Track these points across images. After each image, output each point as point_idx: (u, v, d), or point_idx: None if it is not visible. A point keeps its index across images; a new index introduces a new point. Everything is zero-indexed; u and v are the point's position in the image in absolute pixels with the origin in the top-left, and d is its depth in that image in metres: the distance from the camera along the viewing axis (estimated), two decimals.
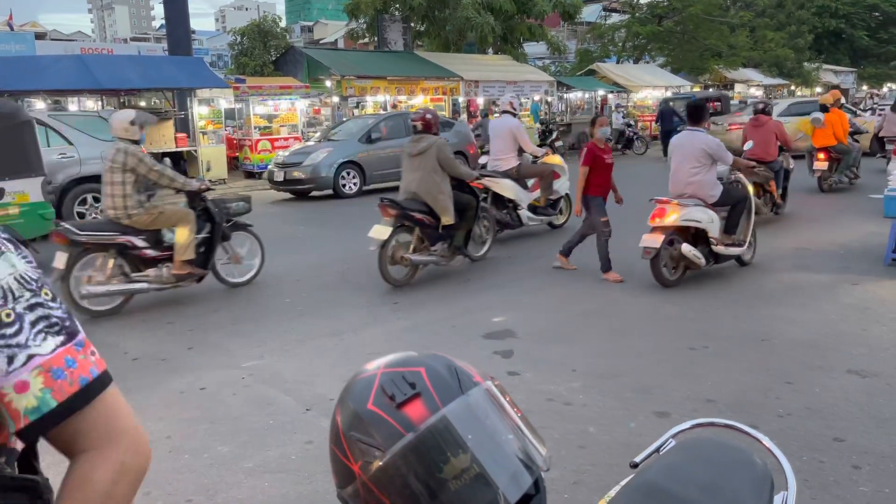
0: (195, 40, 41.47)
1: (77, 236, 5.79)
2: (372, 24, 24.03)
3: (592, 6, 41.38)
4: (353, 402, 1.01)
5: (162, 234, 6.26)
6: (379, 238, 6.46)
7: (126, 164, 5.90)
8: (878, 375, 4.32)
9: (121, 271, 6.10)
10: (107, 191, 6.03)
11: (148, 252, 6.14)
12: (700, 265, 6.45)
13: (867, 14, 40.47)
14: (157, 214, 6.14)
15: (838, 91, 14.93)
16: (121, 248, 6.03)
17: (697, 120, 6.68)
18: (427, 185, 6.65)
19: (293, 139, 17.09)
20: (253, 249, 7.10)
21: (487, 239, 7.84)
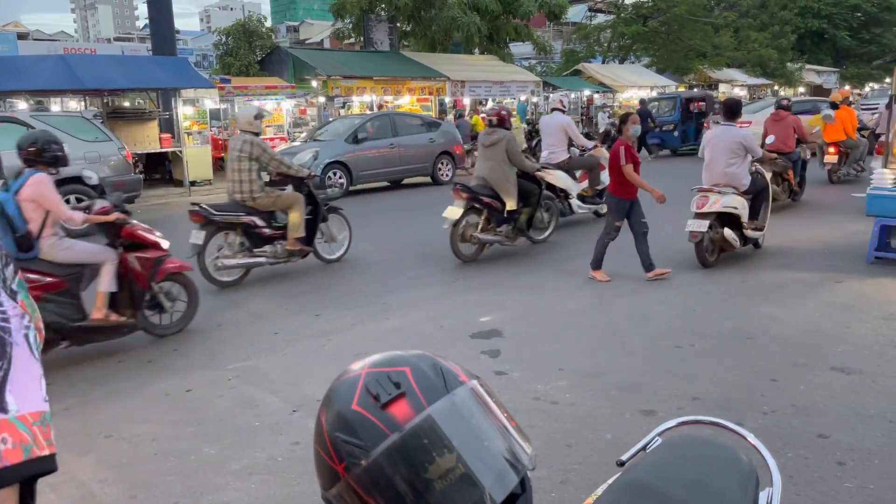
0: (180, 40, 41.23)
1: (213, 216, 6.65)
2: (358, 24, 23.97)
3: (578, 6, 41.51)
4: (338, 403, 1.00)
5: (276, 216, 7.07)
6: (452, 218, 7.31)
7: (251, 153, 6.75)
8: (862, 372, 4.36)
9: (243, 248, 6.91)
10: (234, 177, 6.83)
11: (265, 231, 6.94)
12: (735, 247, 7.13)
13: (849, 14, 40.85)
14: (276, 198, 6.98)
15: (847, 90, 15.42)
16: (245, 227, 6.83)
17: (733, 116, 7.29)
18: (495, 174, 7.46)
19: (279, 139, 17.02)
20: (343, 230, 7.92)
21: (550, 225, 8.56)
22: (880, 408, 3.85)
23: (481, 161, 7.70)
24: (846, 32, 40.70)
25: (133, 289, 5.16)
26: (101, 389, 4.50)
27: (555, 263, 7.58)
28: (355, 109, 19.59)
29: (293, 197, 7.07)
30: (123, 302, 5.17)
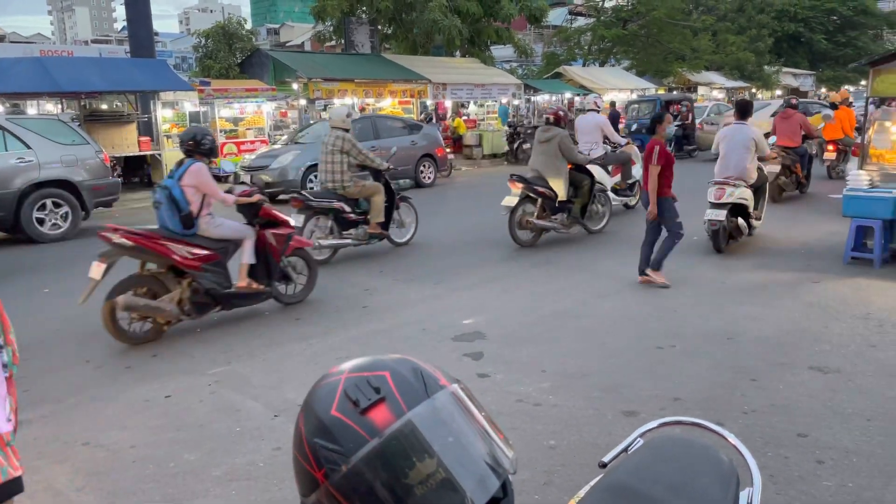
0: (158, 42, 40.86)
1: (310, 202, 7.59)
2: (338, 27, 23.89)
3: (558, 10, 41.75)
4: (317, 408, 0.99)
5: (359, 202, 7.94)
6: (509, 206, 8.11)
7: (343, 147, 7.74)
8: (840, 372, 4.41)
9: (332, 231, 7.78)
10: (327, 168, 7.81)
11: (351, 216, 7.81)
12: (744, 234, 8.10)
13: (825, 18, 41.42)
14: (362, 187, 7.91)
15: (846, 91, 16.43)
16: (335, 212, 7.71)
17: (745, 115, 7.98)
18: (548, 166, 8.24)
19: (260, 142, 16.91)
20: (411, 216, 8.84)
21: (605, 217, 9.19)
22: (858, 406, 3.89)
23: (536, 155, 8.45)
24: (822, 36, 41.28)
25: (269, 261, 5.97)
26: (78, 396, 4.44)
27: (536, 266, 7.60)
28: None
29: (375, 187, 8.02)
30: (260, 273, 5.93)
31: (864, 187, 7.16)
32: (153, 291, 5.39)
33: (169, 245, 5.34)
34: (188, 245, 5.42)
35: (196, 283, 5.48)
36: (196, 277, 5.47)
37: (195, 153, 5.59)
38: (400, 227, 8.71)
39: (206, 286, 5.51)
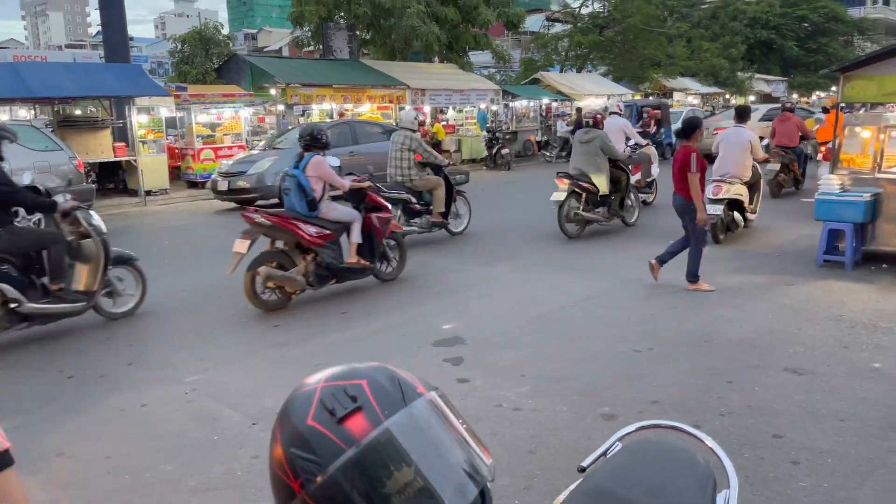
0: (134, 47, 40.41)
1: (384, 193, 7.93)
2: (317, 33, 23.80)
3: (535, 16, 42.02)
4: (293, 418, 0.98)
5: (423, 195, 8.94)
6: (558, 200, 8.93)
7: (410, 146, 8.82)
8: (814, 373, 4.48)
9: (400, 220, 8.43)
10: (396, 164, 8.87)
11: (417, 206, 8.74)
12: (741, 226, 8.81)
13: (796, 25, 42.09)
14: (427, 181, 8.94)
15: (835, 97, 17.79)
16: (403, 203, 8.63)
17: (743, 119, 8.86)
18: (591, 165, 9.11)
19: (237, 148, 16.78)
20: (465, 208, 9.79)
21: (637, 209, 10.05)
22: (831, 407, 3.95)
23: (578, 154, 9.29)
24: (794, 43, 41.93)
25: (373, 241, 6.84)
26: (51, 406, 4.36)
27: (514, 270, 7.63)
28: (315, 117, 19.42)
29: (437, 180, 9.01)
30: (365, 251, 6.77)
31: (835, 191, 7.28)
32: (282, 265, 6.26)
33: (298, 225, 6.24)
34: (312, 225, 6.32)
35: (318, 258, 6.39)
36: (318, 253, 6.37)
37: (314, 147, 6.53)
38: (455, 218, 9.64)
39: (326, 261, 6.40)
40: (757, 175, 9.11)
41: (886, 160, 7.58)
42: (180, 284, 7.39)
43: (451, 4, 23.44)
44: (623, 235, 9.40)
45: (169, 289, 7.16)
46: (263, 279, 6.07)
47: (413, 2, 21.35)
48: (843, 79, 7.55)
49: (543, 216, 10.91)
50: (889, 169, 7.53)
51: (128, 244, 9.99)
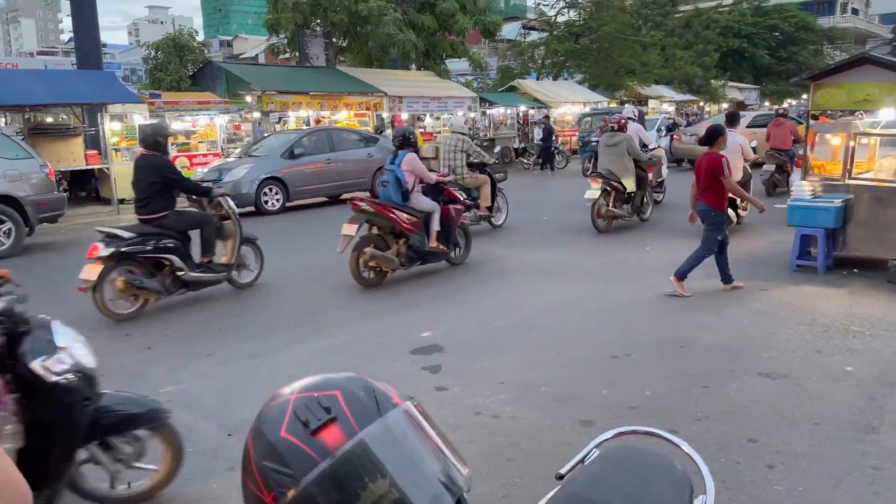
0: (107, 54, 39.94)
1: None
2: (293, 40, 23.73)
3: (512, 24, 42.30)
4: (266, 430, 0.96)
5: (471, 191, 9.68)
6: (592, 197, 9.83)
7: (462, 147, 9.67)
8: (787, 377, 4.53)
9: None
10: (449, 164, 9.63)
11: (468, 201, 8.90)
12: (734, 222, 9.35)
13: (768, 34, 42.85)
14: (476, 178, 9.85)
15: None
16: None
17: (732, 123, 9.49)
18: (618, 165, 10.01)
19: (213, 156, 16.65)
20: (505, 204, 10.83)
21: (650, 207, 11.05)
22: (804, 411, 4.00)
23: (605, 156, 10.18)
24: (765, 51, 42.66)
25: (448, 230, 7.76)
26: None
27: (492, 277, 7.64)
28: (291, 125, 19.34)
29: (484, 178, 10.02)
30: (441, 238, 7.65)
31: (807, 197, 7.40)
32: (379, 248, 7.12)
33: (395, 212, 7.14)
34: (405, 213, 7.22)
35: (409, 242, 7.29)
36: (409, 237, 7.27)
37: (406, 146, 7.52)
38: (497, 213, 10.65)
39: (416, 245, 7.32)
40: (748, 175, 9.71)
41: (856, 167, 7.73)
42: None
43: (427, 12, 23.52)
44: (602, 240, 9.47)
45: None
46: (368, 259, 7.01)
47: (390, 9, 21.39)
48: (813, 87, 7.69)
49: (522, 221, 10.95)
50: (859, 175, 7.67)
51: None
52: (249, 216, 12.90)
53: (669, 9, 41.18)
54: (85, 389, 2.74)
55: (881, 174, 7.72)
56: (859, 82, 7.27)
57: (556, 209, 12.31)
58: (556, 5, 32.86)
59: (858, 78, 7.28)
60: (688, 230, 8.23)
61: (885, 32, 58.25)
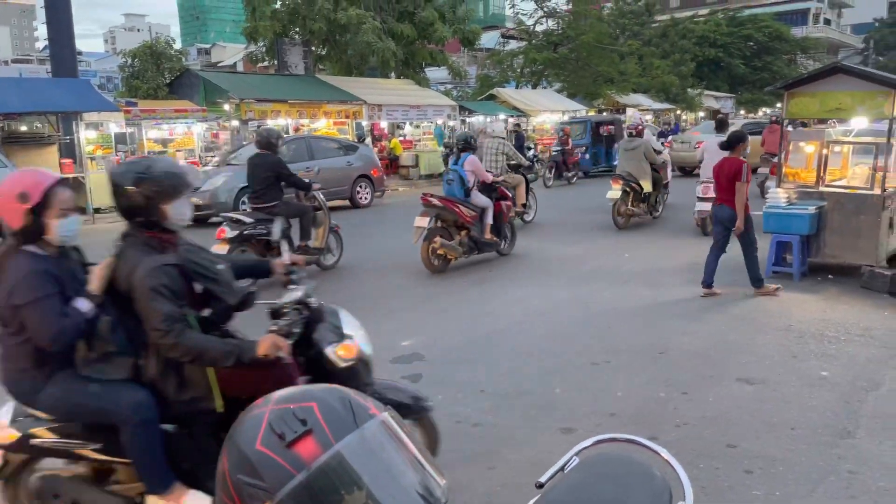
0: (82, 62, 39.54)
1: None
2: (271, 48, 23.63)
3: (491, 33, 42.53)
4: (241, 443, 0.95)
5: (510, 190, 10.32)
6: (614, 198, 10.79)
7: (503, 150, 10.54)
8: (765, 382, 4.57)
9: None
10: (491, 166, 10.20)
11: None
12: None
13: (743, 44, 43.44)
14: (514, 178, 10.77)
15: None
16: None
17: (721, 129, 10.57)
18: (637, 168, 10.97)
19: (190, 164, 16.50)
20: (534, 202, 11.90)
21: (661, 207, 11.99)
22: (782, 416, 4.04)
23: (624, 160, 11.19)
24: (740, 61, 43.24)
25: (500, 223, 8.71)
26: None
27: (473, 285, 7.64)
28: None
29: (520, 178, 11.03)
30: (493, 231, 8.59)
31: (782, 204, 7.50)
32: (444, 238, 8.06)
33: (459, 206, 8.09)
34: (466, 207, 8.15)
35: (470, 233, 8.26)
36: (470, 229, 8.23)
37: (467, 149, 8.55)
38: (528, 210, 11.68)
39: (475, 236, 8.30)
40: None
41: (829, 174, 7.85)
42: None
43: (407, 21, 23.56)
44: (581, 245, 9.51)
45: None
46: (437, 247, 7.96)
47: (369, 18, 21.38)
48: (787, 96, 7.79)
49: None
50: (832, 183, 7.79)
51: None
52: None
53: (646, 19, 41.64)
54: (367, 375, 2.95)
55: (854, 181, 7.85)
56: (832, 91, 7.38)
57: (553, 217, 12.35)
58: (534, 15, 33.09)
59: (831, 87, 7.39)
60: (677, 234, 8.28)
61: (857, 42, 59.44)
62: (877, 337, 5.51)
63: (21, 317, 2.42)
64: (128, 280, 2.50)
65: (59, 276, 2.49)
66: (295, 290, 2.89)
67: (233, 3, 36.82)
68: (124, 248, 2.61)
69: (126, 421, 2.44)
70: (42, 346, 2.44)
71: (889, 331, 5.67)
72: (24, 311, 2.40)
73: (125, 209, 2.58)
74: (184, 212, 2.61)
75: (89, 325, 2.48)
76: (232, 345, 2.52)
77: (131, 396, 2.48)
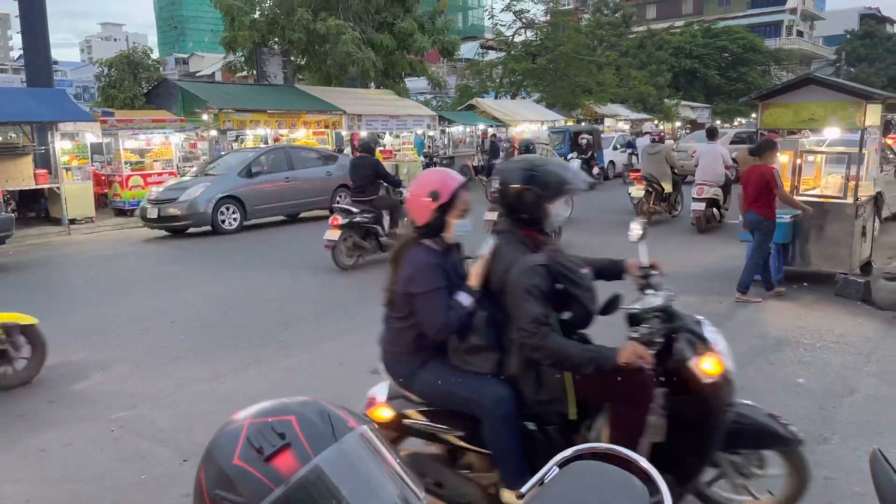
0: (58, 71, 39.10)
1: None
2: (250, 58, 23.54)
3: (470, 44, 42.70)
4: (218, 457, 0.94)
5: None
6: (638, 196, 12.04)
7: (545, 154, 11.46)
8: (742, 389, 4.57)
9: None
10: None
11: None
12: (717, 221, 11.48)
13: (718, 55, 44.14)
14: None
15: None
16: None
17: (713, 137, 11.80)
18: (659, 170, 12.10)
19: (168, 174, 16.36)
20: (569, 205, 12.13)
21: (679, 206, 12.94)
22: None
23: (647, 163, 12.31)
24: (715, 72, 43.91)
25: None
26: None
27: None
28: (249, 143, 19.13)
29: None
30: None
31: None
32: None
33: None
34: None
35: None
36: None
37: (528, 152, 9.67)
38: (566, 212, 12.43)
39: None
40: (729, 180, 11.38)
41: (803, 183, 7.98)
42: (104, 316, 7.10)
43: (386, 31, 23.60)
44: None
45: (92, 320, 6.88)
46: None
47: (348, 28, 21.39)
48: (761, 106, 7.91)
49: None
50: (806, 192, 7.91)
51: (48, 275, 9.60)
52: (206, 236, 12.70)
53: (623, 30, 42.15)
54: (729, 395, 2.73)
55: (827, 190, 7.98)
56: (805, 102, 7.51)
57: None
58: (513, 26, 33.35)
59: (804, 98, 7.52)
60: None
61: (829, 54, 60.58)
62: (851, 343, 5.59)
63: (413, 304, 2.58)
64: (502, 277, 2.56)
65: (447, 270, 2.62)
66: (655, 295, 2.82)
67: (211, 12, 36.45)
68: (500, 245, 2.65)
69: (489, 413, 2.51)
70: (428, 334, 2.59)
71: (862, 337, 5.76)
72: (418, 299, 2.56)
73: (509, 206, 2.68)
74: (561, 213, 2.70)
75: (469, 318, 2.57)
76: (593, 351, 2.56)
77: (495, 390, 2.54)
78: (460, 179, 2.70)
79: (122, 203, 15.96)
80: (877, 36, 57.09)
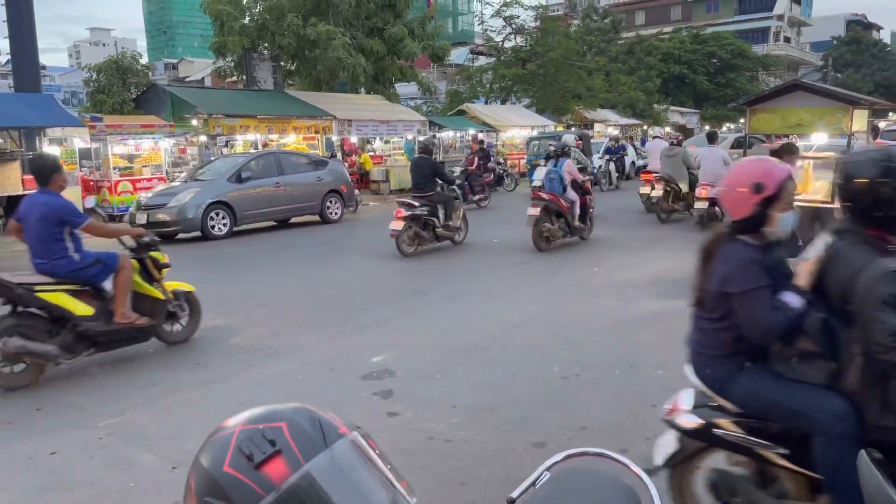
0: (46, 76, 38.91)
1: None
2: (240, 63, 23.50)
3: (460, 49, 42.81)
4: (208, 465, 0.93)
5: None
6: (657, 195, 13.01)
7: (574, 157, 12.21)
8: None
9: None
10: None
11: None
12: (720, 219, 10.96)
13: (706, 60, 44.50)
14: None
15: None
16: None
17: (713, 141, 12.44)
18: (676, 172, 12.97)
19: (157, 180, 16.30)
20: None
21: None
22: None
23: (664, 165, 13.16)
24: (704, 77, 44.25)
25: (585, 212, 10.70)
26: None
27: (443, 300, 7.64)
28: (239, 148, 19.09)
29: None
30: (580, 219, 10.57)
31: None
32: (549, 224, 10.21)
33: (560, 199, 10.12)
34: (564, 201, 10.16)
35: (567, 220, 10.23)
36: (566, 217, 10.20)
37: (564, 155, 10.40)
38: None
39: (572, 223, 10.30)
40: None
41: None
42: None
43: (376, 37, 23.63)
44: (549, 261, 9.58)
45: None
46: (544, 231, 10.08)
47: (338, 34, 21.39)
48: (749, 112, 7.99)
49: (459, 248, 11.00)
50: (794, 197, 7.96)
51: None
52: (196, 241, 12.64)
53: (613, 36, 42.42)
54: None
55: (816, 195, 8.05)
56: (792, 108, 7.59)
57: (504, 232, 12.43)
58: (503, 31, 33.45)
59: (791, 103, 7.61)
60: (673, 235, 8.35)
61: (816, 60, 61.14)
62: None
63: (731, 304, 2.40)
64: (845, 281, 2.29)
65: (769, 267, 2.43)
66: None
67: (201, 18, 36.39)
68: (840, 245, 2.39)
69: (825, 430, 2.25)
70: (751, 336, 2.39)
71: None
72: (736, 299, 2.38)
73: (856, 202, 2.39)
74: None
75: (798, 321, 2.36)
76: None
77: (833, 405, 2.27)
78: (788, 170, 2.50)
79: (110, 208, 15.91)
80: (863, 42, 57.69)
